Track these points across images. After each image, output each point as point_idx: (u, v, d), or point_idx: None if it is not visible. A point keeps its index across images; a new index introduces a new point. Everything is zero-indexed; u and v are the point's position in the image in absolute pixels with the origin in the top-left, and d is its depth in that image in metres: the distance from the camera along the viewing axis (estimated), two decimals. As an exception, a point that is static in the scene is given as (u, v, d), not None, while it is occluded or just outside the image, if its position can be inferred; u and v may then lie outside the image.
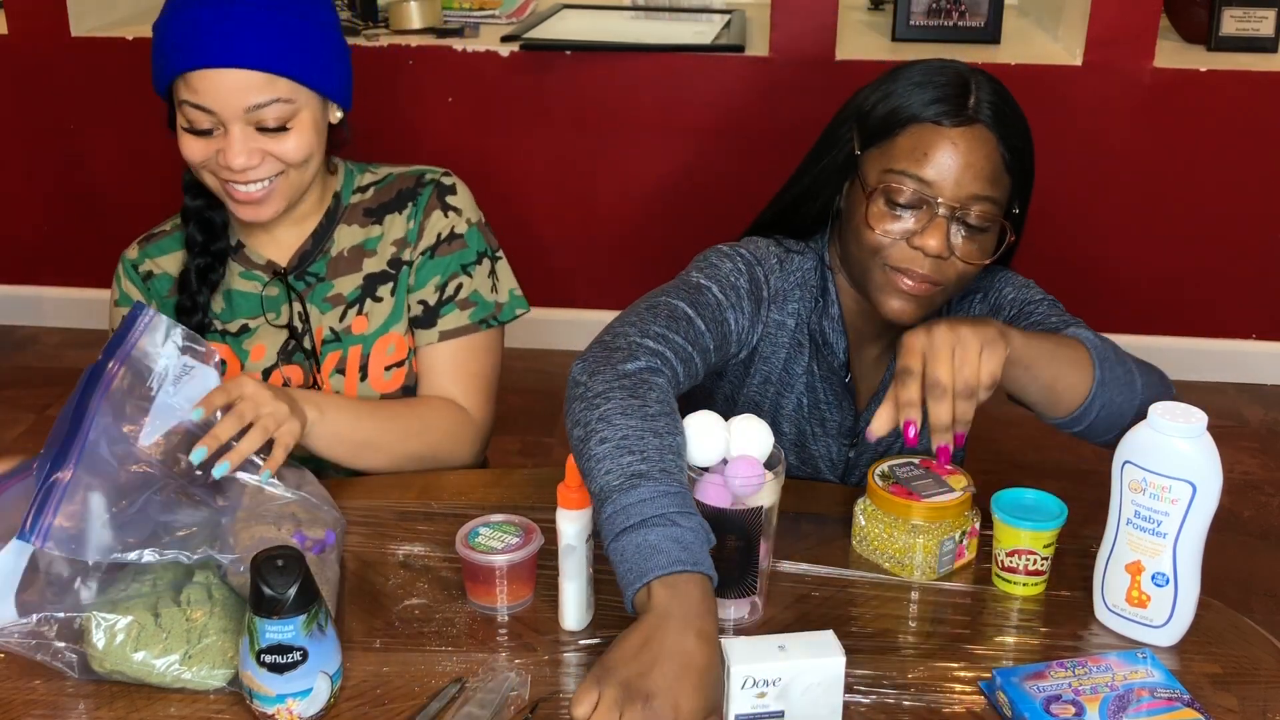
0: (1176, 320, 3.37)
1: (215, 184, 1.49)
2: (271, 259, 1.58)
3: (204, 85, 1.42)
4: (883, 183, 1.33)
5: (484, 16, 3.45)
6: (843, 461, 1.56)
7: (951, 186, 1.30)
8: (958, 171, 1.30)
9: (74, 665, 1.15)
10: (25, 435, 3.02)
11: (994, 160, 1.32)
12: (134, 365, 1.23)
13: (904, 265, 1.33)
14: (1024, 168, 1.37)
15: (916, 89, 1.34)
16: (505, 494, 1.48)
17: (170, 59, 1.44)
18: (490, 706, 1.12)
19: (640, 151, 3.28)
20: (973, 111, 1.31)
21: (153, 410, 1.22)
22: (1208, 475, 1.17)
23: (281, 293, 1.58)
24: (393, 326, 1.59)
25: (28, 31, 3.31)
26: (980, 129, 1.32)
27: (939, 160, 1.30)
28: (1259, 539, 2.70)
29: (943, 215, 1.31)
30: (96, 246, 3.51)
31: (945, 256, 1.31)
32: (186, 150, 1.48)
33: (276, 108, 1.44)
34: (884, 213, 1.33)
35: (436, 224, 1.59)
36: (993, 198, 1.32)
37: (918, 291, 1.34)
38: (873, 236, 1.33)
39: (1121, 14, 3.05)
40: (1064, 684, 1.12)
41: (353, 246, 1.59)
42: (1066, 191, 3.23)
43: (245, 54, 1.41)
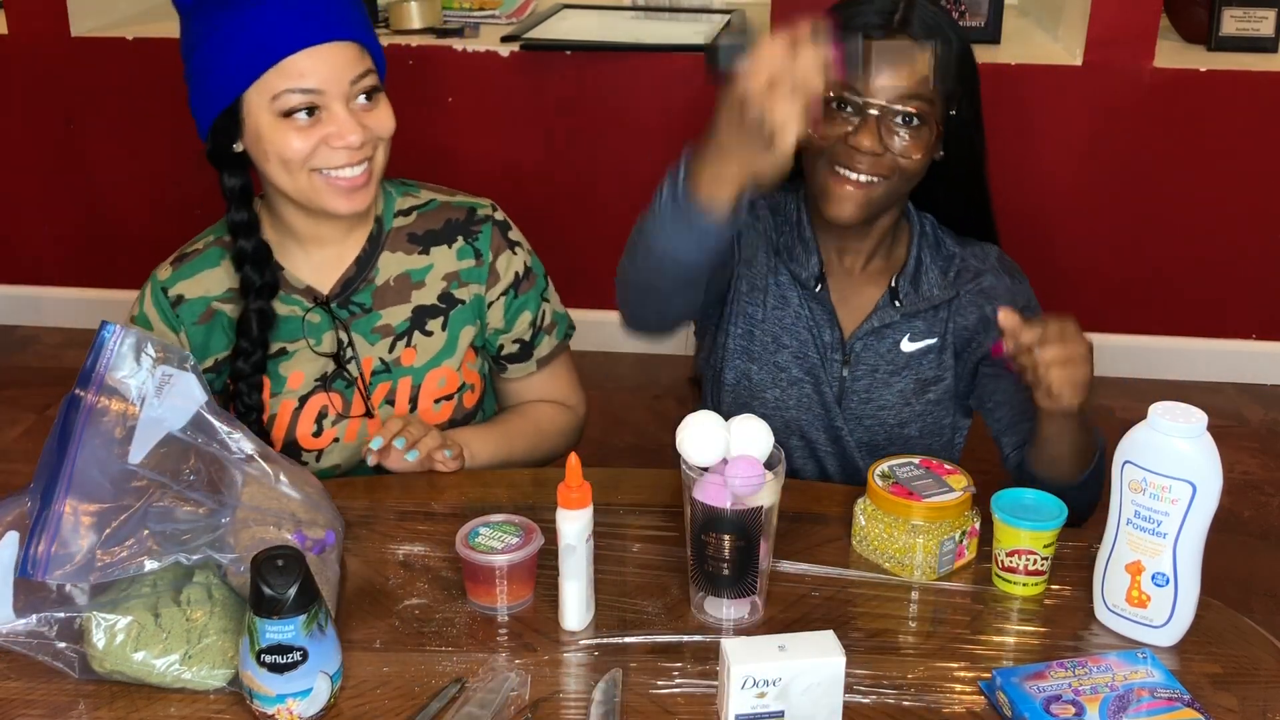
0: (1176, 320, 3.37)
1: (308, 182, 1.46)
2: (311, 285, 1.56)
3: (307, 66, 1.41)
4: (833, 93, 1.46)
5: (484, 16, 3.45)
6: (838, 381, 1.60)
7: (879, 90, 1.45)
8: (883, 76, 1.45)
9: (74, 665, 1.15)
10: (25, 435, 3.02)
11: (916, 65, 1.46)
12: (112, 388, 1.21)
13: (844, 161, 1.47)
14: (953, 74, 1.49)
15: (847, 8, 1.50)
16: (505, 494, 1.48)
17: (256, 55, 1.41)
18: (490, 706, 1.12)
19: (640, 151, 3.28)
20: (897, 24, 1.46)
21: (139, 427, 1.21)
22: (1208, 475, 1.17)
23: (325, 320, 1.56)
24: (444, 361, 1.59)
25: (28, 31, 3.31)
26: (902, 37, 1.46)
27: (873, 65, 1.45)
28: (1259, 539, 2.70)
29: (873, 114, 1.45)
30: (96, 246, 3.52)
31: (880, 153, 1.45)
32: (288, 148, 1.43)
33: (371, 78, 1.46)
34: (823, 119, 1.47)
35: (510, 264, 1.61)
36: (921, 95, 1.46)
37: (858, 188, 1.47)
38: (815, 141, 1.48)
39: (1121, 14, 3.05)
40: (1064, 684, 1.12)
41: (399, 275, 1.58)
42: (1066, 191, 3.23)
43: (340, 27, 1.43)
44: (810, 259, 1.59)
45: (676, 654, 1.20)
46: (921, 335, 1.60)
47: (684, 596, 1.28)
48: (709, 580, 1.24)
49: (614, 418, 3.10)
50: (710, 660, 1.18)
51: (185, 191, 3.37)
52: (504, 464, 1.60)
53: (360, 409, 1.58)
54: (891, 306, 1.59)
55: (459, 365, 1.60)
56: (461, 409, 1.61)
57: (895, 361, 1.60)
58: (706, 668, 1.17)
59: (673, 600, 1.28)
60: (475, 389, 1.63)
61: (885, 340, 1.60)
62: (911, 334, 1.60)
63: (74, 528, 1.14)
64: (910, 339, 1.60)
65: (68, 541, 1.13)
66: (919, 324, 1.60)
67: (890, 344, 1.60)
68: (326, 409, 1.57)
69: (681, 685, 1.16)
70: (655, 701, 1.14)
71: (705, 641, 1.22)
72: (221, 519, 1.20)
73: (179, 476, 1.21)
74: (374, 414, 1.58)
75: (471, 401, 1.63)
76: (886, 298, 1.59)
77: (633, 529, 1.40)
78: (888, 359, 1.60)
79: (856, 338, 1.59)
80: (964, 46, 1.51)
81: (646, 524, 1.41)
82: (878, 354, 1.60)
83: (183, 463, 1.22)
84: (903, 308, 1.58)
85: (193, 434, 1.23)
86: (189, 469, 1.22)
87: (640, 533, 1.39)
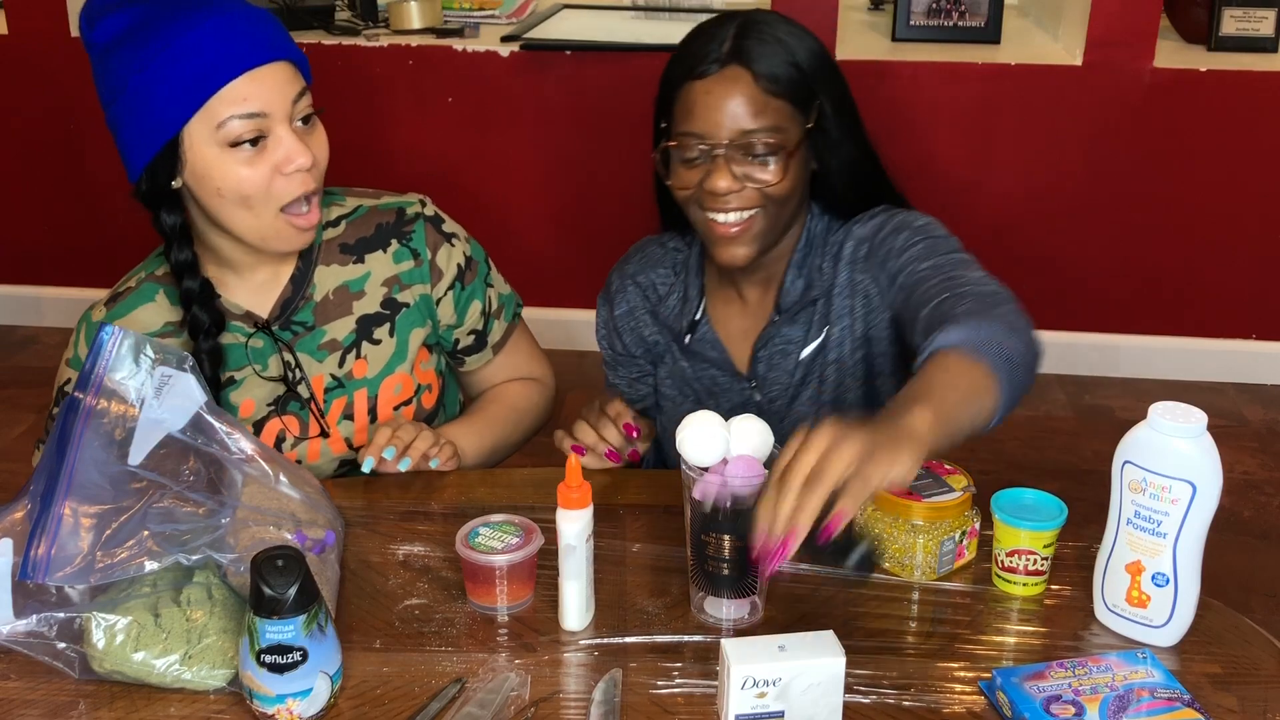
0: (1177, 320, 3.37)
1: (272, 223, 1.42)
2: (250, 310, 1.52)
3: (249, 89, 1.37)
4: (673, 145, 1.46)
5: (484, 16, 3.45)
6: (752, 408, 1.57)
7: (721, 130, 1.41)
8: (720, 115, 1.41)
9: (74, 665, 1.15)
10: (25, 435, 3.02)
11: (752, 94, 1.41)
12: (111, 390, 1.20)
13: (710, 205, 1.44)
14: (799, 89, 1.43)
15: (684, 52, 1.46)
16: (505, 494, 1.48)
17: (199, 84, 1.36)
18: (490, 706, 1.12)
19: (640, 152, 3.27)
20: (725, 57, 1.41)
21: (138, 428, 1.21)
22: (1208, 475, 1.17)
23: (268, 344, 1.52)
24: (397, 367, 1.57)
25: (28, 31, 3.31)
26: (731, 69, 1.41)
27: (702, 111, 1.42)
28: (1259, 539, 2.70)
29: (720, 155, 1.42)
30: (96, 246, 3.52)
31: (738, 189, 1.42)
32: (245, 180, 1.38)
33: (308, 98, 1.44)
34: (679, 171, 1.46)
35: (450, 257, 1.60)
36: (763, 127, 1.41)
37: (734, 233, 1.45)
38: (678, 193, 1.48)
39: (1121, 14, 3.05)
40: (1064, 684, 1.12)
41: (338, 288, 1.54)
42: (1066, 191, 3.23)
43: (274, 47, 1.40)
44: (685, 309, 1.60)
45: (676, 654, 1.20)
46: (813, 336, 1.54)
47: (684, 596, 1.28)
48: (709, 580, 1.24)
49: (614, 418, 3.10)
50: (710, 660, 1.18)
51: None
52: (494, 452, 1.62)
53: (316, 429, 1.55)
54: (773, 322, 1.55)
55: (412, 369, 1.58)
56: (422, 411, 1.60)
57: (797, 372, 1.55)
58: (706, 668, 1.17)
59: (673, 600, 1.28)
60: (433, 388, 1.62)
61: (789, 356, 1.56)
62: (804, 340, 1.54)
63: (74, 530, 1.14)
64: (804, 345, 1.54)
65: (67, 544, 1.13)
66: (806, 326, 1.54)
67: (792, 358, 1.55)
68: (284, 433, 1.54)
69: (681, 685, 1.16)
70: (655, 701, 1.14)
71: (705, 641, 1.22)
72: (221, 519, 1.20)
73: (179, 477, 1.21)
74: (329, 433, 1.55)
75: (430, 401, 1.61)
76: (773, 313, 1.55)
77: (633, 529, 1.40)
78: (791, 371, 1.56)
79: (756, 361, 1.57)
80: (812, 51, 1.45)
81: (646, 524, 1.41)
82: (783, 370, 1.56)
83: (182, 463, 1.22)
84: (782, 318, 1.54)
85: (192, 435, 1.23)
86: (188, 469, 1.22)
87: (640, 533, 1.39)
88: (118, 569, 1.14)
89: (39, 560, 1.12)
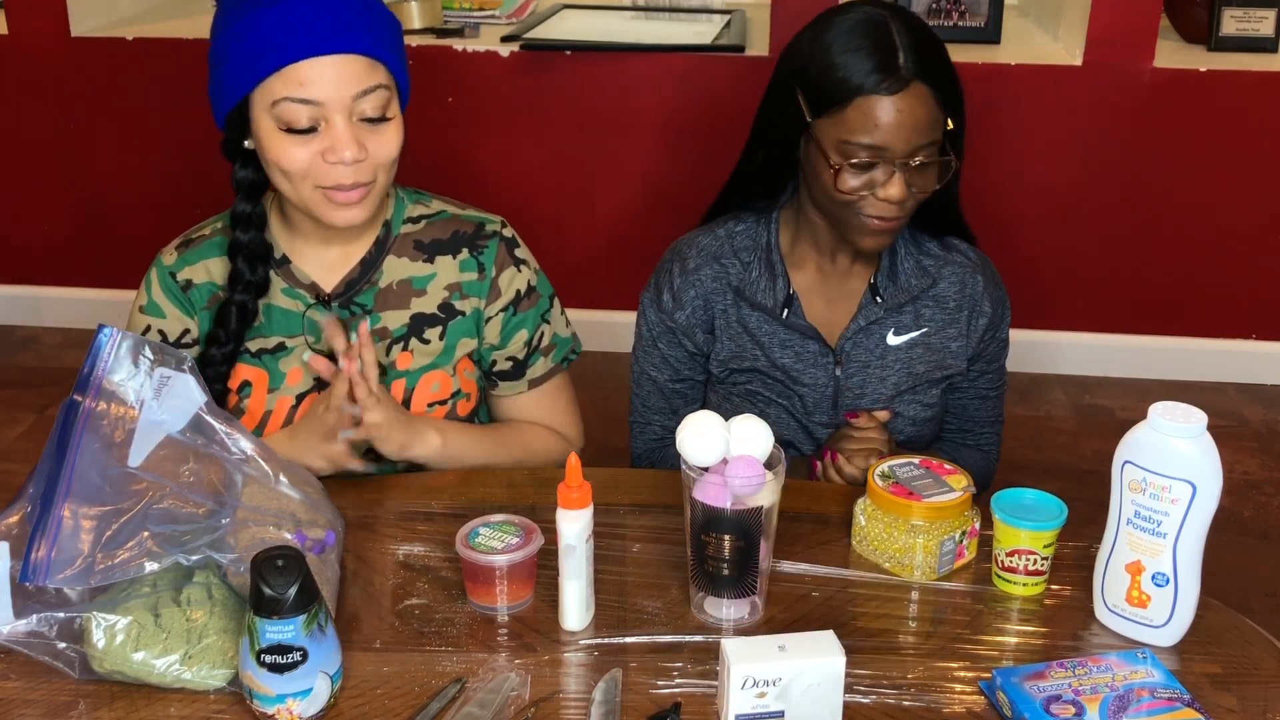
0: (1176, 320, 3.37)
1: (311, 192, 1.44)
2: (316, 281, 1.55)
3: (309, 76, 1.38)
4: (844, 154, 1.47)
5: (484, 16, 3.45)
6: (832, 381, 1.64)
7: (901, 144, 1.46)
8: (905, 131, 1.45)
9: (74, 665, 1.15)
10: (25, 435, 3.02)
11: (931, 108, 1.46)
12: (110, 392, 1.20)
13: (874, 213, 1.50)
14: (956, 96, 1.51)
15: (852, 57, 1.46)
16: (505, 494, 1.48)
17: (262, 58, 1.38)
18: (490, 707, 1.12)
19: (640, 151, 3.28)
20: (906, 73, 1.44)
21: (138, 430, 1.20)
22: (1208, 475, 1.17)
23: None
24: (440, 366, 1.58)
25: (28, 31, 3.31)
26: (916, 87, 1.45)
27: (887, 127, 1.45)
28: (1259, 539, 2.70)
29: (898, 168, 1.46)
30: (96, 247, 3.52)
31: (907, 199, 1.49)
32: (285, 158, 1.41)
33: (379, 95, 1.42)
34: (849, 177, 1.48)
35: (513, 280, 1.60)
36: (935, 140, 1.48)
37: (890, 229, 1.52)
38: (844, 197, 1.50)
39: (1121, 14, 3.05)
40: (1064, 684, 1.12)
41: (401, 280, 1.56)
42: (1066, 191, 3.23)
43: (351, 39, 1.39)
44: (776, 285, 1.61)
45: (676, 654, 1.20)
46: (907, 329, 1.62)
47: (684, 596, 1.29)
48: (709, 580, 1.24)
49: (614, 418, 3.08)
50: (710, 660, 1.18)
51: (185, 191, 3.38)
52: (480, 469, 1.56)
53: None
54: (874, 304, 1.61)
55: (454, 371, 1.59)
56: (455, 416, 1.60)
57: (884, 356, 1.62)
58: (706, 668, 1.18)
59: (673, 600, 1.28)
60: (470, 398, 1.62)
61: (872, 336, 1.62)
62: (896, 328, 1.62)
63: (74, 532, 1.14)
64: (895, 333, 1.62)
65: (67, 546, 1.13)
66: (903, 318, 1.62)
67: (877, 339, 1.62)
68: None
69: (681, 685, 1.16)
70: (655, 701, 1.14)
71: (705, 641, 1.22)
72: (221, 519, 1.20)
73: (178, 478, 1.21)
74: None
75: (466, 409, 1.61)
76: (868, 295, 1.61)
77: (633, 529, 1.40)
78: (877, 354, 1.62)
79: (845, 338, 1.62)
80: (947, 56, 1.50)
81: (646, 524, 1.41)
82: (867, 350, 1.62)
83: (181, 464, 1.22)
84: (885, 303, 1.61)
85: (191, 436, 1.23)
86: (188, 470, 1.22)
87: (640, 533, 1.39)
88: (118, 570, 1.14)
89: (39, 563, 1.12)
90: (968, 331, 1.64)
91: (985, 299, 1.64)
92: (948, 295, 1.63)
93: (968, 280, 1.63)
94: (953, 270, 1.63)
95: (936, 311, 1.63)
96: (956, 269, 1.63)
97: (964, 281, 1.63)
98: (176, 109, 3.24)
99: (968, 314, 1.64)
